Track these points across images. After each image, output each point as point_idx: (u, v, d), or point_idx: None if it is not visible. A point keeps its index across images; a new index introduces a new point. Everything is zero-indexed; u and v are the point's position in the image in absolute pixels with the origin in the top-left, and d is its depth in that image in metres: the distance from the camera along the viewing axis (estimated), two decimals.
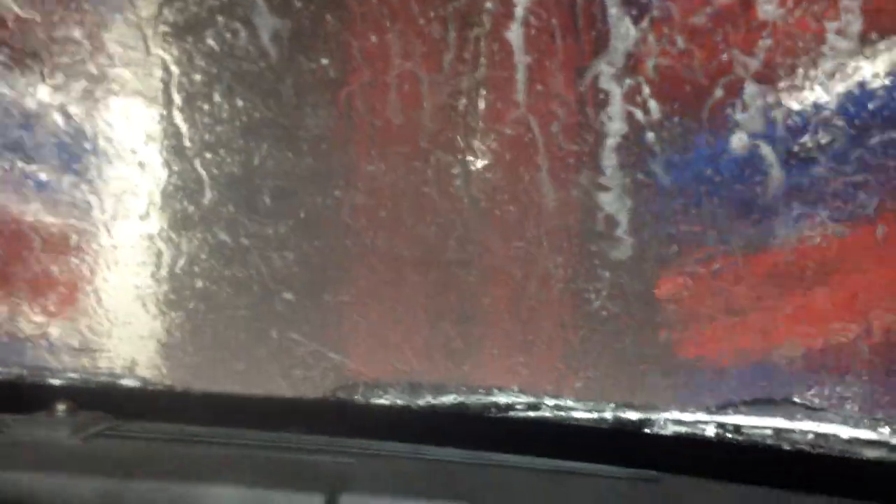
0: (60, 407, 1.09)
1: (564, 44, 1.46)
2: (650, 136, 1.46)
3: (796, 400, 1.22)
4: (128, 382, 1.26)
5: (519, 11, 1.45)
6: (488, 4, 1.47)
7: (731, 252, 1.52)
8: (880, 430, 1.12)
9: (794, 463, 1.14)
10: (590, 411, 1.19)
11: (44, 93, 1.56)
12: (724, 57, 1.40)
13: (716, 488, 1.08)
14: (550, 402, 1.21)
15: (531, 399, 1.21)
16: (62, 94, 1.56)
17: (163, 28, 1.52)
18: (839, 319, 1.51)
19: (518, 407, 1.21)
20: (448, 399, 1.22)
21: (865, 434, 1.12)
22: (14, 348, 1.61)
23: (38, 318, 1.63)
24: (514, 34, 1.46)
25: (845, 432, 1.12)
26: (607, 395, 1.60)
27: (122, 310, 1.61)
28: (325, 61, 1.55)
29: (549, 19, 1.46)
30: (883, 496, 1.06)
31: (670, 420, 1.18)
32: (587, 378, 1.64)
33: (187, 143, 1.56)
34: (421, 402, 1.22)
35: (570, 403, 1.20)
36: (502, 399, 1.21)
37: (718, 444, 1.16)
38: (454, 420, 1.21)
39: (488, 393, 1.22)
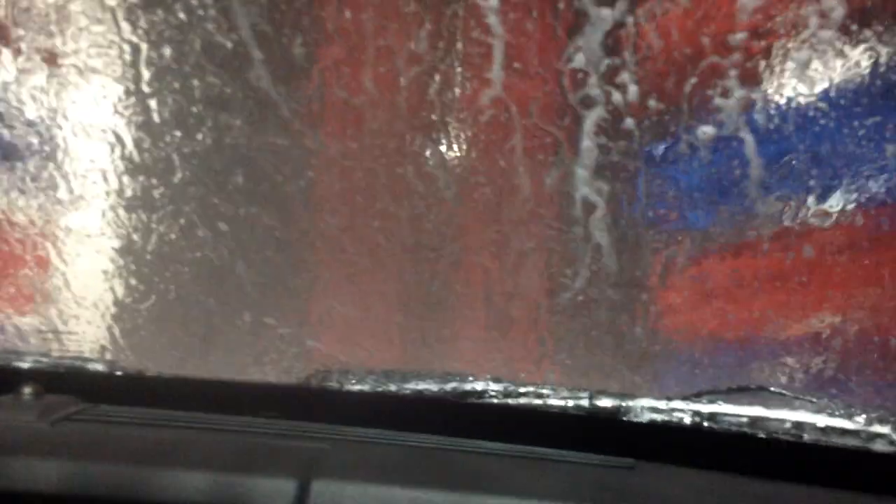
0: (27, 390, 1.07)
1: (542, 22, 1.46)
2: (628, 120, 1.46)
3: (772, 389, 1.22)
4: (96, 366, 1.24)
5: None
6: None
7: (710, 239, 1.52)
8: (855, 419, 1.12)
9: (769, 451, 1.15)
10: (566, 398, 1.19)
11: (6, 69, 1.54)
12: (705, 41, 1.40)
13: (691, 475, 1.08)
14: (526, 388, 1.20)
15: (507, 385, 1.21)
16: (25, 70, 1.54)
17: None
18: (816, 310, 1.52)
19: (493, 393, 1.21)
20: (423, 385, 1.22)
21: (840, 423, 1.12)
22: None
23: (3, 302, 1.61)
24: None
25: (821, 421, 1.13)
26: (583, 381, 1.60)
27: (89, 293, 1.59)
28: (297, 38, 1.54)
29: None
30: (858, 484, 1.06)
31: (646, 407, 1.19)
32: (563, 364, 1.64)
33: (156, 120, 1.54)
34: (395, 389, 1.21)
35: (545, 391, 1.20)
36: (478, 385, 1.21)
37: (694, 431, 1.16)
38: (429, 406, 1.21)
39: (463, 379, 1.22)
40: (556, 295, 1.63)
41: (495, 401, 1.20)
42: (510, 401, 1.20)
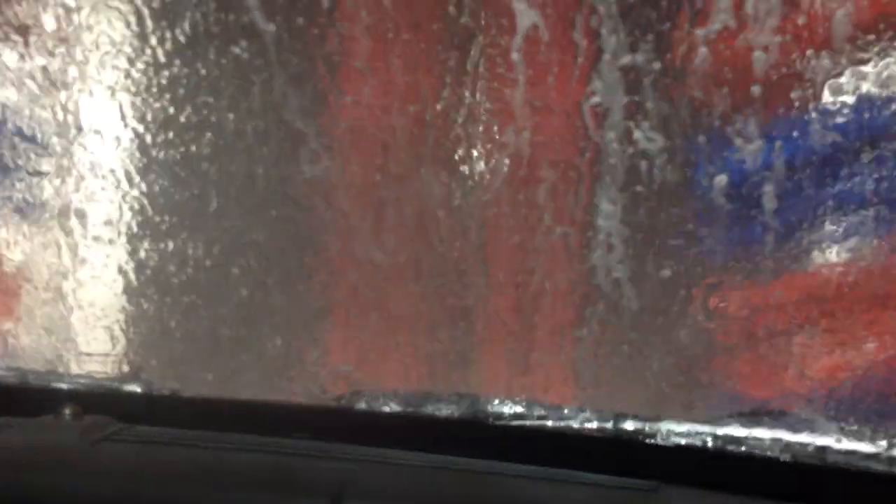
0: (67, 411, 1.12)
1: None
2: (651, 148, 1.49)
3: (796, 412, 1.24)
4: (133, 388, 1.28)
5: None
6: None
7: (730, 269, 1.54)
8: (878, 442, 1.14)
9: (793, 474, 1.16)
10: (590, 420, 1.21)
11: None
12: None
13: (715, 499, 1.10)
14: (550, 410, 1.23)
15: (531, 408, 1.23)
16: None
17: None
18: (843, 335, 1.53)
19: (518, 415, 1.23)
20: (449, 407, 1.25)
21: (863, 447, 1.14)
22: (18, 352, 1.64)
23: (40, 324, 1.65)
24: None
25: (843, 444, 1.14)
26: (608, 404, 1.61)
27: (126, 316, 1.64)
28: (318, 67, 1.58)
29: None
30: None
31: (670, 430, 1.20)
32: (588, 387, 1.65)
33: (192, 154, 1.58)
34: (422, 411, 1.24)
35: (570, 412, 1.22)
36: (503, 408, 1.23)
37: (718, 454, 1.18)
38: (455, 428, 1.23)
39: (488, 402, 1.25)
40: (581, 318, 1.65)
41: (520, 422, 1.22)
42: (535, 423, 1.22)
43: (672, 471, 1.13)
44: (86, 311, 1.64)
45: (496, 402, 1.24)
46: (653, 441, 1.19)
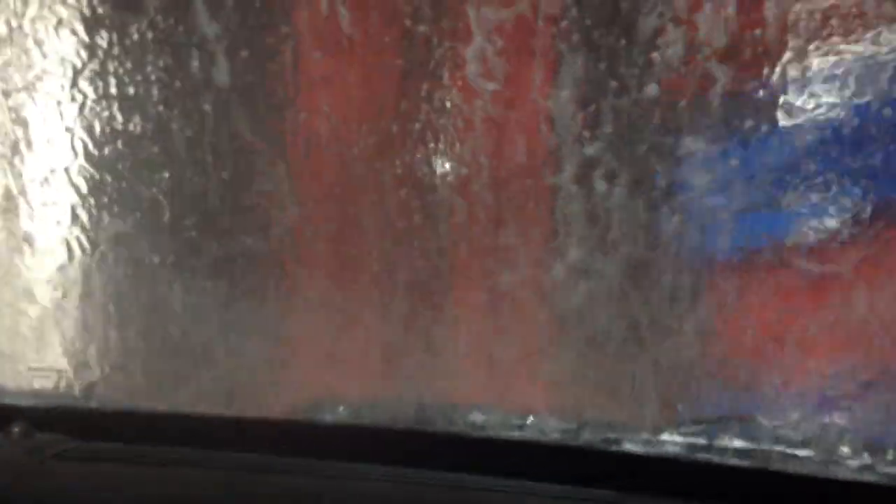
0: (16, 429, 1.10)
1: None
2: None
3: (762, 420, 1.25)
4: (84, 403, 1.27)
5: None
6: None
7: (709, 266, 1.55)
8: (841, 449, 1.15)
9: (756, 482, 1.17)
10: (552, 430, 1.22)
11: None
12: None
13: None
14: (514, 420, 1.23)
15: (494, 417, 1.24)
16: None
17: None
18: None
19: (481, 425, 1.24)
20: (410, 417, 1.25)
21: (827, 454, 1.15)
22: None
23: None
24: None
25: (806, 451, 1.16)
26: (575, 412, 1.62)
27: (74, 330, 1.61)
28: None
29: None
30: None
31: (633, 438, 1.21)
32: (554, 396, 1.66)
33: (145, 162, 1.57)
34: (382, 421, 1.24)
35: (532, 422, 1.23)
36: (466, 417, 1.24)
37: (681, 462, 1.19)
38: (418, 440, 1.24)
39: (451, 411, 1.25)
40: (548, 325, 1.65)
41: (482, 433, 1.23)
42: (497, 433, 1.23)
43: (635, 479, 1.14)
44: (33, 324, 1.62)
45: (458, 411, 1.24)
46: (615, 449, 1.20)
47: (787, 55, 1.24)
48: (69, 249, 1.63)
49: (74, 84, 1.52)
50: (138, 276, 1.60)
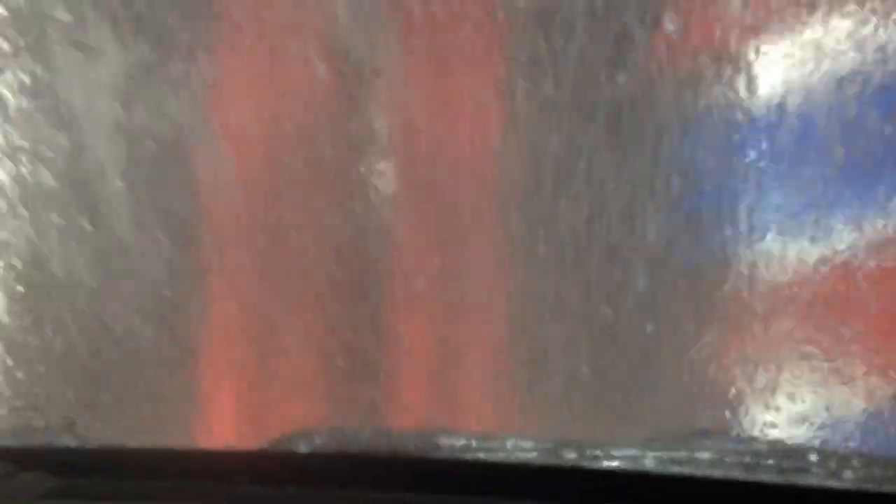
0: (0, 469, 1.12)
1: None
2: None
3: (730, 430, 1.29)
4: (65, 442, 1.29)
5: None
6: None
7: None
8: (809, 457, 1.20)
9: (735, 494, 1.21)
10: (528, 449, 1.25)
11: None
12: None
13: None
14: (487, 441, 1.26)
15: (467, 439, 1.27)
16: None
17: None
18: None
19: (455, 448, 1.26)
20: (381, 442, 1.27)
21: (797, 462, 1.19)
22: None
23: None
24: None
25: (777, 461, 1.20)
26: (547, 431, 1.64)
27: (52, 367, 1.63)
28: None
29: None
30: None
31: (610, 454, 1.24)
32: (526, 415, 1.68)
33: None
34: (355, 448, 1.27)
35: (508, 442, 1.26)
36: (438, 440, 1.27)
37: (660, 477, 1.22)
38: (397, 465, 1.26)
39: (428, 436, 1.28)
40: (513, 338, 1.67)
41: (457, 455, 1.26)
42: (471, 455, 1.26)
43: (614, 496, 1.17)
44: (9, 362, 1.63)
45: (439, 436, 1.27)
46: (592, 466, 1.23)
47: None
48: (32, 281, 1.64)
49: None
50: None
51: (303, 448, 1.30)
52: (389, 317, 1.67)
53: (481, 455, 1.24)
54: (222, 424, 1.62)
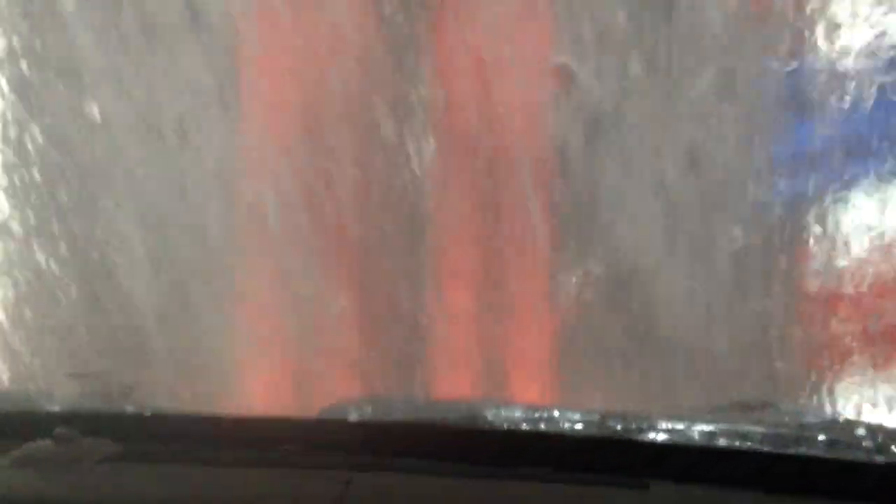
0: (63, 433, 1.17)
1: None
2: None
3: (782, 405, 1.30)
4: (125, 408, 1.33)
5: None
6: None
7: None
8: (857, 431, 1.21)
9: (783, 466, 1.22)
10: (576, 420, 1.27)
11: None
12: None
13: (706, 493, 1.16)
14: (535, 412, 1.29)
15: (515, 410, 1.29)
16: None
17: None
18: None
19: (509, 419, 1.29)
20: (432, 413, 1.31)
21: (845, 436, 1.21)
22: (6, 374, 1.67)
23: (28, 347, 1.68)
24: None
25: (826, 434, 1.21)
26: (595, 402, 1.66)
27: (115, 332, 1.67)
28: None
29: None
30: (879, 499, 1.14)
31: (658, 427, 1.26)
32: (573, 385, 1.70)
33: None
34: (405, 417, 1.30)
35: (555, 413, 1.28)
36: (487, 412, 1.29)
37: (706, 449, 1.24)
38: (448, 434, 1.29)
39: (472, 406, 1.31)
40: (560, 309, 1.68)
41: (511, 426, 1.28)
42: (519, 426, 1.28)
43: (663, 467, 1.19)
44: (70, 332, 1.67)
45: (479, 405, 1.30)
46: (641, 438, 1.25)
47: None
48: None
49: None
50: None
51: (352, 416, 1.34)
52: (437, 288, 1.68)
53: (528, 426, 1.27)
54: (274, 393, 1.66)
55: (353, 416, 1.33)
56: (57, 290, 1.71)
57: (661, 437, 1.25)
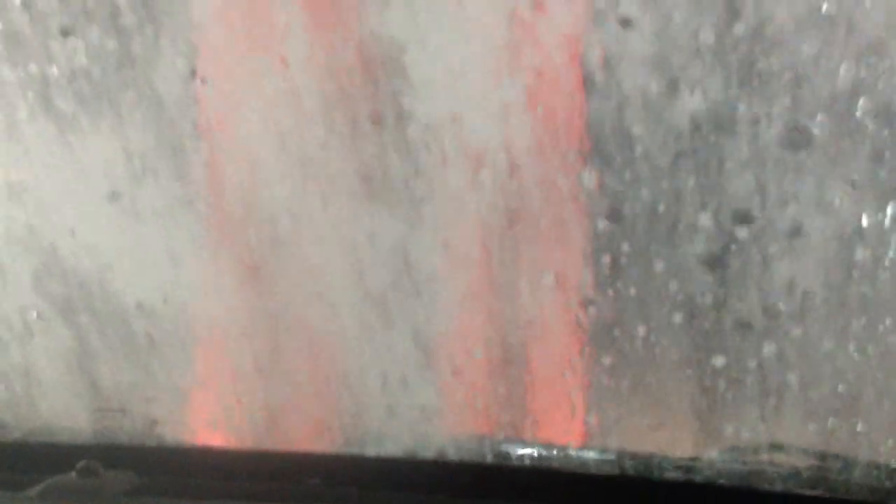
0: (85, 467, 1.21)
1: None
2: None
3: (788, 444, 1.32)
4: (147, 441, 1.38)
5: None
6: None
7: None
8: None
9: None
10: (592, 459, 1.31)
11: None
12: None
13: None
14: (552, 450, 1.32)
15: (532, 447, 1.33)
16: None
17: None
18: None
19: (523, 456, 1.33)
20: (448, 448, 1.34)
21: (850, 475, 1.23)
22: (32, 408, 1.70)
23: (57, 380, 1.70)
24: None
25: (836, 475, 1.24)
26: (611, 441, 1.67)
27: (135, 370, 1.70)
28: None
29: None
30: None
31: (674, 465, 1.30)
32: (590, 424, 1.72)
33: None
34: (428, 455, 1.34)
35: (571, 452, 1.32)
36: (502, 448, 1.33)
37: (718, 488, 1.27)
38: (461, 471, 1.33)
39: (487, 442, 1.34)
40: (578, 345, 1.69)
41: (524, 463, 1.32)
42: (536, 463, 1.32)
43: None
44: (99, 368, 1.70)
45: (494, 441, 1.34)
46: (657, 477, 1.28)
47: None
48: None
49: None
50: None
51: (371, 451, 1.38)
52: (451, 319, 1.69)
53: (546, 464, 1.30)
54: (294, 428, 1.69)
55: (371, 451, 1.38)
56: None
57: (675, 475, 1.28)
